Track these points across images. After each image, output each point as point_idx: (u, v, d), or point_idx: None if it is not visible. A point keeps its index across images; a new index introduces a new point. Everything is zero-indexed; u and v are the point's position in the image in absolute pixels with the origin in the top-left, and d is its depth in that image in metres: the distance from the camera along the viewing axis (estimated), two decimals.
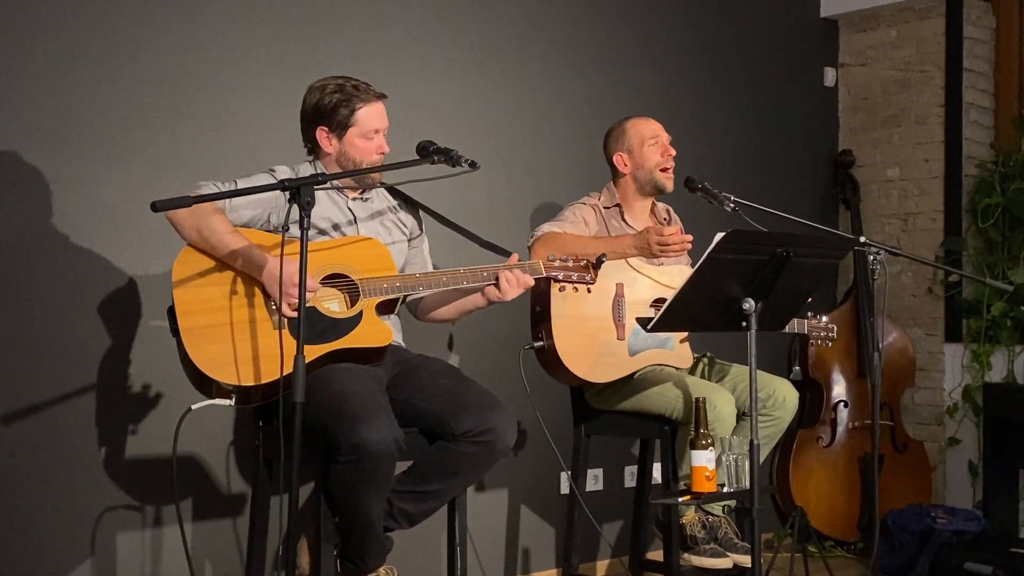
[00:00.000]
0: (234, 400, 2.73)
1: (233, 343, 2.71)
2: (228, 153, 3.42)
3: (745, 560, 3.34)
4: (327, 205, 3.00)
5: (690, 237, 3.39)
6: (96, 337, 3.22)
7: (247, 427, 3.43)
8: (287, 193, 2.56)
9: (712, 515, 3.46)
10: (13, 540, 3.04)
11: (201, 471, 3.41)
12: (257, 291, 2.78)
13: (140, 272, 3.30)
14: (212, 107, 3.45)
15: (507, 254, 3.09)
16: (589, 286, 3.07)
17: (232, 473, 3.48)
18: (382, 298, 2.88)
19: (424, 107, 3.89)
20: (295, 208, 2.55)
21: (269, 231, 2.90)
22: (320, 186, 2.58)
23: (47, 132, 3.14)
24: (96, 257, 3.22)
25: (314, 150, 3.05)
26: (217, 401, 2.72)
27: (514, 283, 2.97)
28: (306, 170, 2.97)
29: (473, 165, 2.87)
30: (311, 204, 2.48)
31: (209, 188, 2.81)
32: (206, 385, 2.73)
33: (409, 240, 3.17)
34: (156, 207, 2.37)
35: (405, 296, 2.99)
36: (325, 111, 2.96)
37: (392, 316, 3.04)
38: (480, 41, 4.14)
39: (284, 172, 2.93)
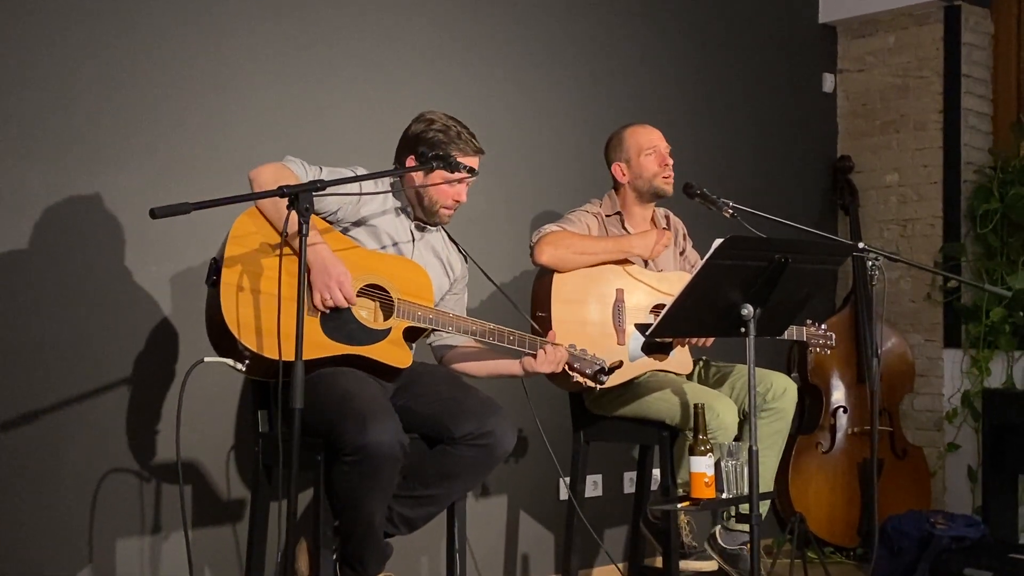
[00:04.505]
0: (245, 366, 2.73)
1: (265, 312, 2.72)
2: (230, 159, 3.42)
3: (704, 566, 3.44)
4: (391, 220, 3.04)
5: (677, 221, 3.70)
6: (97, 342, 3.22)
7: (247, 433, 3.43)
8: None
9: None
10: (11, 546, 3.04)
11: (201, 477, 3.41)
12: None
13: (141, 277, 3.30)
14: (214, 114, 3.45)
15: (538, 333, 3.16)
16: (598, 385, 3.17)
17: (232, 479, 3.48)
18: (413, 324, 2.91)
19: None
20: (357, 204, 2.87)
21: (330, 222, 2.95)
22: (319, 193, 2.59)
23: (51, 139, 3.14)
24: (98, 262, 3.23)
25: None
26: (229, 361, 2.73)
27: (553, 358, 3.01)
28: (385, 183, 3.03)
29: (471, 171, 2.89)
30: (309, 211, 2.50)
31: (296, 164, 2.89)
32: (224, 342, 2.74)
33: (451, 285, 3.19)
34: (155, 214, 2.37)
35: (431, 331, 3.03)
36: (424, 144, 3.00)
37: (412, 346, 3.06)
38: (477, 47, 4.15)
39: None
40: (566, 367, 3.12)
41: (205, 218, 2.78)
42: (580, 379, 3.15)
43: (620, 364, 3.16)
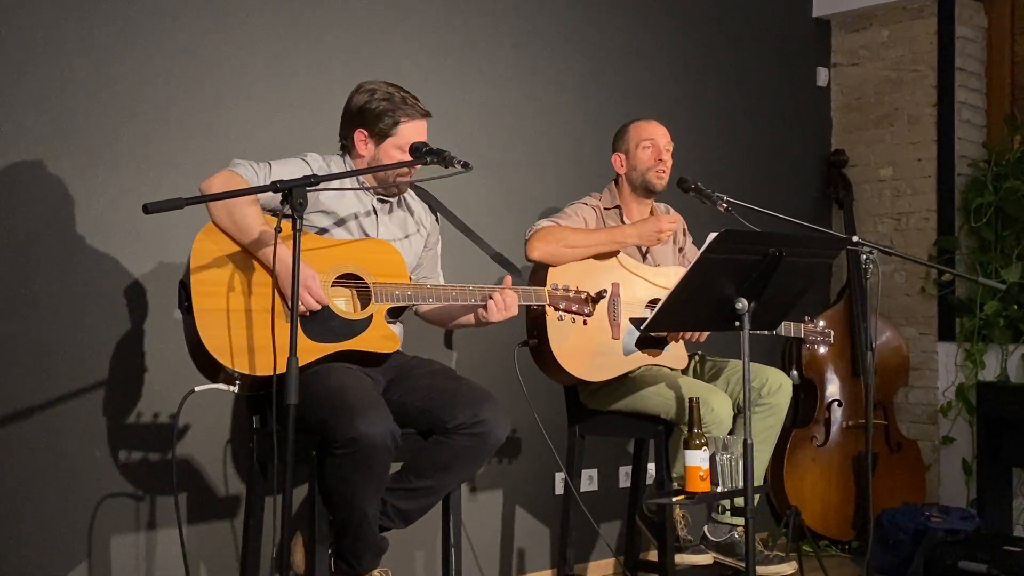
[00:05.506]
0: (237, 387, 2.72)
1: (246, 331, 2.69)
2: (219, 154, 3.41)
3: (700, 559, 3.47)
4: (351, 199, 3.01)
5: (677, 216, 3.58)
6: (91, 339, 3.21)
7: (242, 429, 3.43)
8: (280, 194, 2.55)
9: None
10: (8, 543, 3.04)
11: (196, 473, 3.40)
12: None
13: (134, 273, 3.30)
14: (203, 109, 3.45)
15: (516, 271, 3.11)
16: (586, 318, 3.12)
17: (228, 474, 3.48)
18: (393, 304, 2.90)
19: None
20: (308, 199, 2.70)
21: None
22: (313, 187, 2.57)
23: (43, 136, 3.13)
24: (90, 258, 3.22)
25: (348, 148, 3.05)
26: (221, 386, 2.71)
27: (501, 306, 2.98)
28: (337, 164, 3.01)
29: (466, 166, 2.87)
30: (303, 206, 2.49)
31: (244, 167, 2.84)
32: (212, 368, 2.72)
33: (425, 242, 3.18)
34: (148, 209, 2.36)
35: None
36: (369, 115, 2.97)
37: (397, 323, 3.05)
38: (475, 42, 4.14)
39: (316, 159, 2.95)
40: (552, 307, 3.10)
41: (199, 215, 2.78)
42: (569, 316, 3.11)
43: (605, 292, 3.14)
